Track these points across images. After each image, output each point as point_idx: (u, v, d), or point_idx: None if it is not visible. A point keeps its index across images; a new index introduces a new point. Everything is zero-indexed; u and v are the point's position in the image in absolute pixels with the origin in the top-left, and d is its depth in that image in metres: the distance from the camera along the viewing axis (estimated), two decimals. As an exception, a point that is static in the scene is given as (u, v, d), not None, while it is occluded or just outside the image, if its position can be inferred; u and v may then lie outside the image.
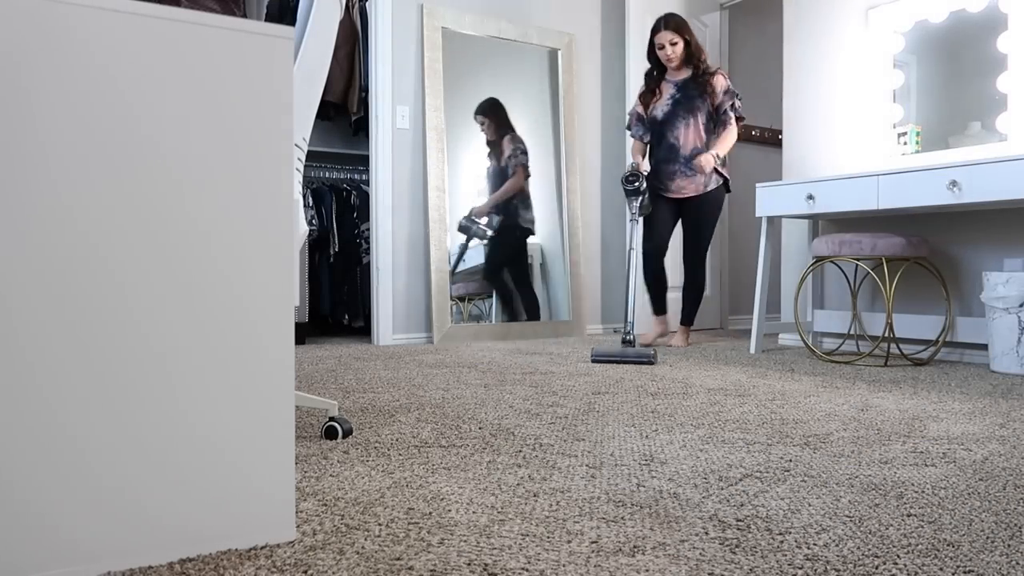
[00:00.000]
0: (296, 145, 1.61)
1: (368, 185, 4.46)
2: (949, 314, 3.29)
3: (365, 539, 1.11)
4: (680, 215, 3.88)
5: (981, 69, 3.31)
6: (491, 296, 4.34)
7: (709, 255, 5.25)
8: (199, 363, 1.05)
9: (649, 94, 3.93)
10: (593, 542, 1.10)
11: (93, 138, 0.98)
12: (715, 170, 3.74)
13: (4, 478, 0.93)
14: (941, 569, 1.01)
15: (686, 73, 3.84)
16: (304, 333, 4.08)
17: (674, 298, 4.32)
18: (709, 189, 3.79)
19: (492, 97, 4.38)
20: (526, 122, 4.49)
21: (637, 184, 3.51)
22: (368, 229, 4.36)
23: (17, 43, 0.93)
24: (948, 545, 1.09)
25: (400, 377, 2.75)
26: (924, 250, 3.23)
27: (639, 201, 3.51)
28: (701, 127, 3.79)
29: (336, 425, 1.74)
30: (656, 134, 3.86)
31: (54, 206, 0.95)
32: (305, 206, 4.20)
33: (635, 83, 4.36)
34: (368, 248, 4.36)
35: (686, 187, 3.79)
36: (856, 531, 1.15)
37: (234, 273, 1.07)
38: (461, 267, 4.25)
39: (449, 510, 1.25)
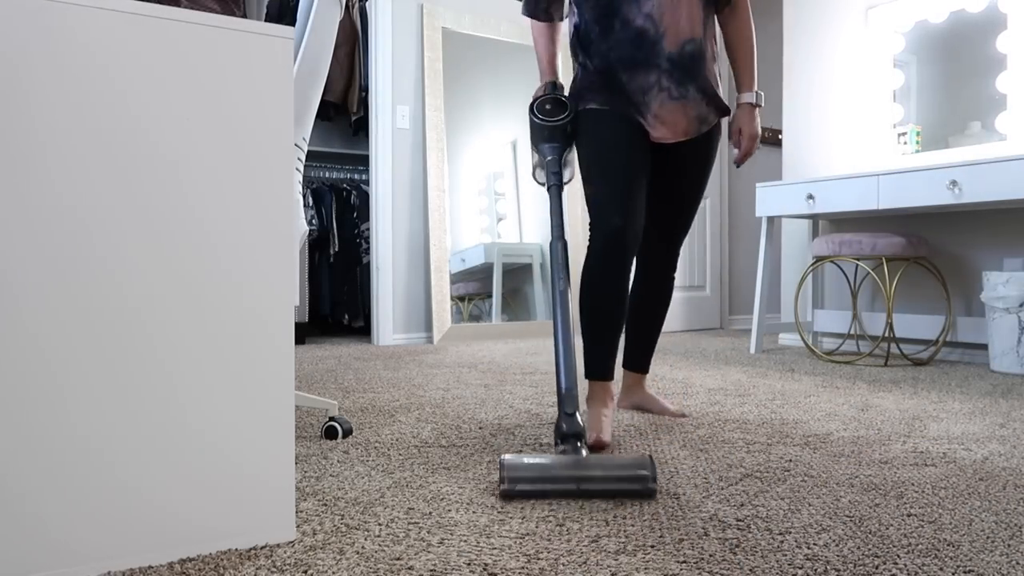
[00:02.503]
0: (296, 145, 1.61)
1: (368, 185, 4.46)
2: (949, 314, 3.29)
3: (365, 539, 1.11)
4: (654, 170, 1.97)
5: (981, 69, 3.31)
6: (491, 296, 4.34)
7: (707, 252, 5.30)
8: (199, 363, 1.05)
9: None
10: (593, 541, 1.10)
11: (92, 138, 0.98)
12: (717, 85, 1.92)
13: (4, 478, 0.93)
14: (941, 569, 1.01)
15: None
16: (304, 333, 4.08)
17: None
18: (712, 124, 1.93)
19: None
20: (525, 122, 4.49)
21: (564, 115, 1.81)
22: (368, 229, 4.36)
23: (17, 43, 0.93)
24: (948, 545, 1.09)
25: (400, 377, 2.75)
26: (924, 250, 3.23)
27: (564, 151, 1.83)
28: None
29: (336, 425, 1.74)
30: (602, 8, 1.82)
31: (53, 206, 0.95)
32: (305, 206, 4.20)
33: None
34: (368, 248, 4.36)
35: (677, 122, 1.85)
36: (856, 531, 1.15)
37: (234, 273, 1.07)
38: (460, 267, 4.25)
39: (449, 510, 1.24)
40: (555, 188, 1.76)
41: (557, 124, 1.81)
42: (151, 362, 1.01)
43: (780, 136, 5.41)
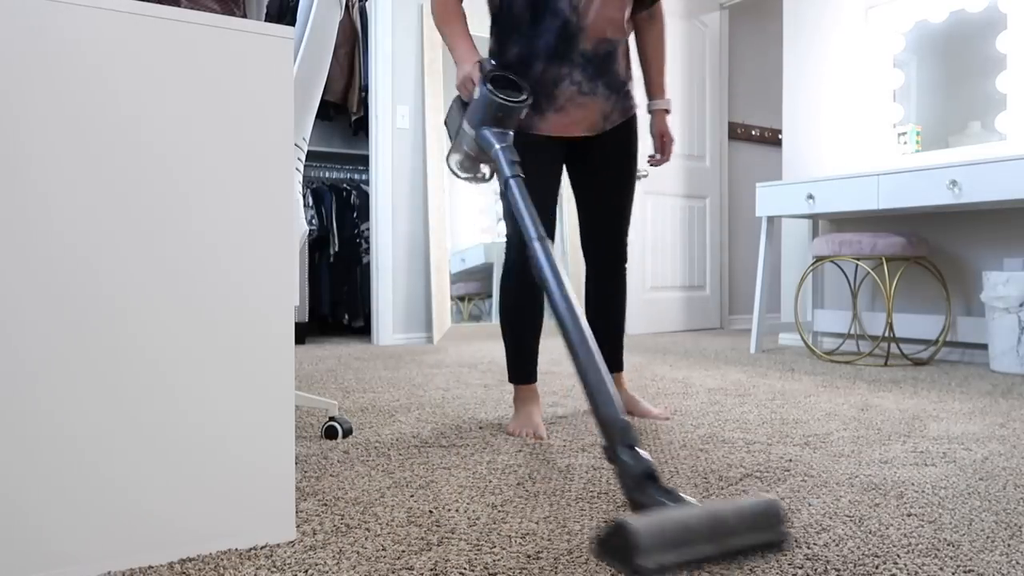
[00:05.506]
0: (296, 145, 1.61)
1: (368, 185, 4.46)
2: (949, 314, 3.29)
3: (365, 539, 1.11)
4: (572, 169, 2.00)
5: (981, 69, 3.31)
6: (491, 296, 4.34)
7: (707, 252, 5.29)
8: (199, 363, 1.05)
9: None
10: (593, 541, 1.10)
11: (92, 138, 0.98)
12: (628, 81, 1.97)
13: (4, 478, 0.93)
14: (941, 569, 1.01)
15: None
16: (304, 333, 4.08)
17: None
18: (633, 112, 1.99)
19: None
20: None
21: (525, 98, 1.65)
22: (368, 229, 4.36)
23: (17, 43, 0.93)
24: (948, 545, 1.09)
25: (400, 377, 2.75)
26: (924, 250, 3.23)
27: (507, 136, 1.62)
28: None
29: (336, 425, 1.74)
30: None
31: (54, 206, 0.95)
32: (305, 206, 4.20)
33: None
34: (368, 248, 4.36)
35: (583, 117, 1.89)
36: (856, 531, 1.15)
37: (234, 273, 1.07)
38: (460, 267, 4.25)
39: (449, 510, 1.24)
40: (518, 180, 1.53)
41: (516, 106, 1.62)
42: (151, 362, 1.01)
43: (780, 136, 5.41)
